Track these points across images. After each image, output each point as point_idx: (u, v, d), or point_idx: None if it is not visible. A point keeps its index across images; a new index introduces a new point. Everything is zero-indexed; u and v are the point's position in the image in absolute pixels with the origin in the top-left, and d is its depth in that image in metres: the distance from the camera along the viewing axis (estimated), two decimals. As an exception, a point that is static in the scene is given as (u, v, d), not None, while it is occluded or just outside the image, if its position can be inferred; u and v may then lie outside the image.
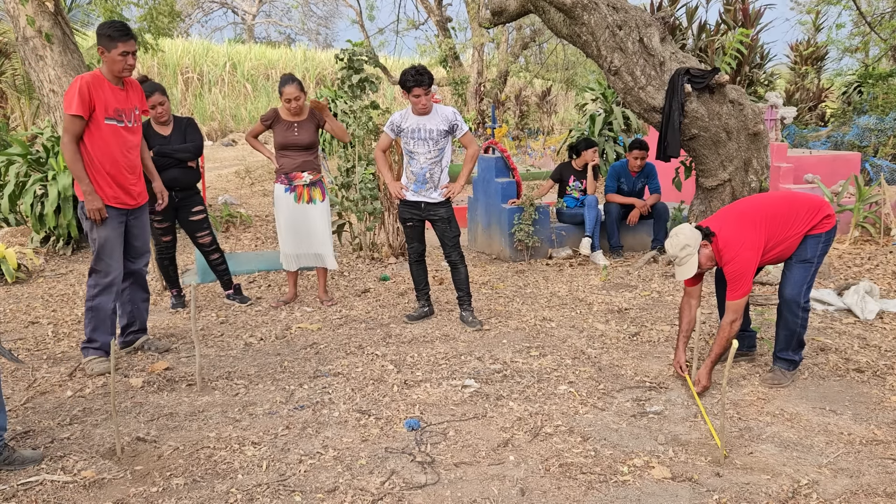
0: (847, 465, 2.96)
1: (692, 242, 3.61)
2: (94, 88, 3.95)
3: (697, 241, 3.62)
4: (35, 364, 4.31)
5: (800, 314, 3.73)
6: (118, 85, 4.09)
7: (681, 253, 3.63)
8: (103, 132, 4.01)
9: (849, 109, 13.85)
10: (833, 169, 8.59)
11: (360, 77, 6.65)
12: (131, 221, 4.26)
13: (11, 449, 3.05)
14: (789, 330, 3.77)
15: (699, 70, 5.82)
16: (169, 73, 23.22)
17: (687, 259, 3.63)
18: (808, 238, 3.69)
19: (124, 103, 4.11)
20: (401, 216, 5.03)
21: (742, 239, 3.60)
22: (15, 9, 8.00)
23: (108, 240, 4.11)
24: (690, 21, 11.83)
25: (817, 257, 3.71)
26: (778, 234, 3.66)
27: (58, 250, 7.38)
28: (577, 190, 7.11)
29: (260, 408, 3.61)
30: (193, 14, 34.00)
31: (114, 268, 4.15)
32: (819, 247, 3.70)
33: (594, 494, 2.76)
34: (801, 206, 3.71)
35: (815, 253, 3.70)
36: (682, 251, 3.63)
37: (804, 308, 3.73)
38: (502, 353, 4.33)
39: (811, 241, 3.69)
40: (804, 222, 3.67)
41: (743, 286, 3.57)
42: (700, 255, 3.63)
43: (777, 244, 3.67)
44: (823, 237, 3.70)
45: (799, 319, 3.74)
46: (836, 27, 15.67)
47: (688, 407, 3.56)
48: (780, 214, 3.69)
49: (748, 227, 3.64)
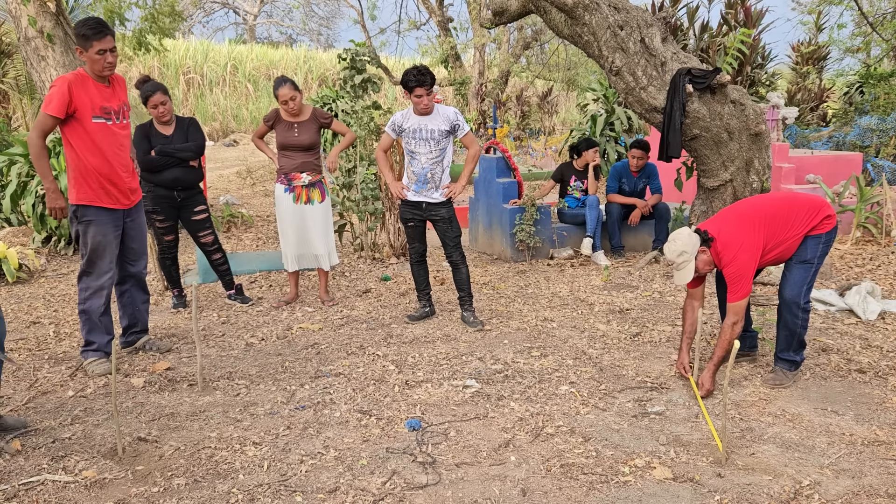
0: (849, 466, 2.96)
1: (689, 249, 3.61)
2: (77, 87, 3.87)
3: (695, 248, 3.62)
4: (37, 364, 4.31)
5: (800, 315, 3.73)
6: (103, 83, 4.01)
7: (678, 259, 3.64)
8: (91, 132, 3.93)
9: (850, 110, 13.84)
10: (835, 169, 8.58)
11: (363, 77, 6.66)
12: (127, 223, 4.21)
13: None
14: (789, 330, 3.76)
15: (701, 70, 5.81)
16: (171, 74, 23.25)
17: (684, 265, 3.63)
18: (809, 239, 3.68)
19: (111, 100, 4.03)
20: (402, 216, 5.03)
21: (741, 241, 3.59)
22: (17, 9, 8.01)
23: (100, 243, 4.05)
24: (692, 21, 11.82)
25: (818, 258, 3.70)
26: (778, 235, 3.65)
27: (59, 250, 7.39)
28: (578, 190, 7.10)
29: (261, 408, 3.61)
30: (195, 14, 34.00)
31: (105, 271, 4.09)
32: (819, 247, 3.70)
33: (595, 495, 2.76)
34: (802, 207, 3.70)
35: (815, 254, 3.69)
36: (679, 257, 3.63)
37: (804, 309, 3.73)
38: (503, 354, 4.33)
39: (811, 242, 3.69)
40: (804, 223, 3.67)
41: (742, 288, 3.56)
42: (698, 260, 3.63)
43: (777, 245, 3.67)
44: (824, 238, 3.70)
45: (799, 320, 3.73)
46: (837, 27, 15.66)
47: (689, 407, 3.55)
48: (779, 215, 3.68)
49: (747, 229, 3.63)
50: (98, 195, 4.02)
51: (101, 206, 4.04)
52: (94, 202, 4.02)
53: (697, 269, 3.64)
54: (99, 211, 4.04)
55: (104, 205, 4.05)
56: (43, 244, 7.38)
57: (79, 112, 3.90)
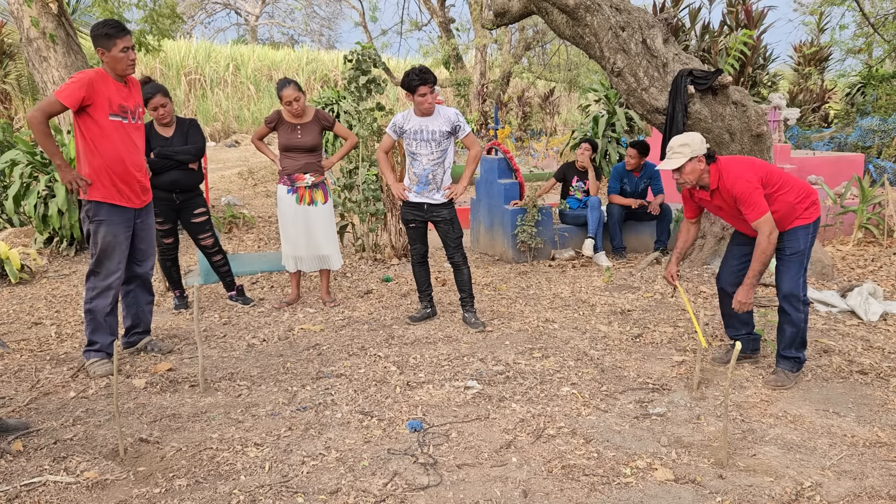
0: (851, 468, 2.96)
1: (694, 147, 3.69)
2: (99, 84, 3.92)
3: (699, 151, 3.69)
4: (38, 365, 4.32)
5: (801, 308, 3.76)
6: (121, 82, 4.07)
7: (677, 147, 3.73)
8: (106, 129, 3.97)
9: (852, 111, 13.84)
10: (836, 170, 8.58)
11: (368, 78, 6.67)
12: (137, 224, 4.24)
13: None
14: (793, 325, 3.78)
15: (702, 71, 5.81)
16: (172, 74, 23.26)
17: (678, 157, 3.70)
18: (799, 229, 3.74)
19: (128, 100, 4.09)
20: (403, 217, 5.03)
21: (741, 170, 3.71)
22: (19, 10, 8.03)
23: (110, 243, 4.07)
24: (693, 22, 11.83)
25: (808, 248, 3.77)
26: (772, 186, 3.71)
27: (61, 251, 7.40)
28: (580, 191, 7.11)
29: (262, 409, 3.62)
30: (196, 15, 34.04)
31: (114, 271, 4.11)
32: (809, 237, 3.77)
33: (597, 496, 2.76)
34: (795, 181, 3.80)
35: (806, 244, 3.76)
36: (680, 146, 3.72)
37: (804, 301, 3.77)
38: (505, 355, 4.33)
39: (801, 232, 3.75)
40: (796, 194, 3.73)
41: (757, 204, 3.62)
42: (690, 163, 3.71)
43: (770, 202, 3.71)
44: (812, 227, 3.77)
45: (801, 314, 3.76)
46: (839, 28, 15.67)
47: (691, 409, 3.55)
48: (777, 172, 3.78)
49: (747, 166, 3.74)
50: (111, 193, 4.05)
51: (114, 203, 4.07)
52: (108, 199, 4.05)
53: (684, 170, 3.71)
54: (111, 210, 4.07)
55: (116, 202, 4.07)
56: (45, 245, 7.39)
57: (97, 108, 3.93)
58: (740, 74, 9.99)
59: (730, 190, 3.69)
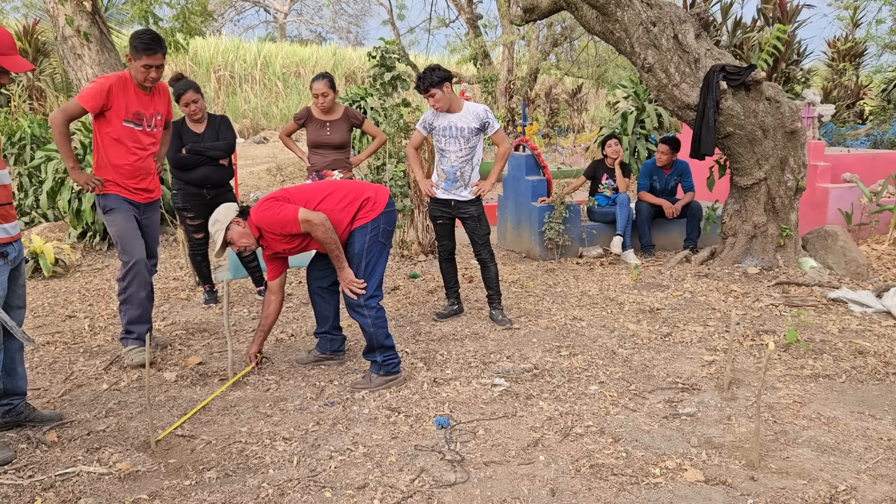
0: (887, 472, 2.89)
1: (222, 219, 3.71)
2: (118, 90, 4.04)
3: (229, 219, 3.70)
4: (72, 357, 4.40)
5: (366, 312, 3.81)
6: (144, 90, 4.17)
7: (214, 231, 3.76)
8: (117, 132, 4.10)
9: (888, 107, 13.54)
10: (872, 168, 8.40)
11: (392, 75, 6.68)
12: (142, 221, 4.33)
13: (32, 408, 3.40)
14: (363, 330, 3.85)
15: (735, 67, 5.72)
16: (202, 71, 23.52)
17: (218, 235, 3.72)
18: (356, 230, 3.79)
19: (147, 108, 4.20)
20: (431, 214, 5.03)
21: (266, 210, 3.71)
22: (54, 9, 8.17)
23: (125, 228, 4.18)
24: (725, 17, 11.67)
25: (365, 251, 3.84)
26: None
27: (94, 246, 7.52)
28: (609, 188, 7.04)
29: (291, 403, 3.64)
30: (226, 13, 34.38)
31: (136, 254, 4.20)
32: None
33: (625, 496, 2.73)
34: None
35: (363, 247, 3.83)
36: (212, 224, 3.77)
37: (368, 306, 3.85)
38: (532, 353, 4.31)
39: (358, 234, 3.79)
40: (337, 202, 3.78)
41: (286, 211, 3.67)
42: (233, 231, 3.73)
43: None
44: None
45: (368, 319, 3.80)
46: (875, 23, 15.32)
47: (721, 409, 3.50)
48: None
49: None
50: (116, 188, 4.19)
51: (118, 193, 4.19)
52: (112, 190, 4.18)
53: (233, 239, 3.73)
54: (118, 197, 4.19)
55: (120, 193, 4.20)
56: (78, 239, 7.52)
57: (112, 113, 4.07)
58: (773, 70, 9.83)
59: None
